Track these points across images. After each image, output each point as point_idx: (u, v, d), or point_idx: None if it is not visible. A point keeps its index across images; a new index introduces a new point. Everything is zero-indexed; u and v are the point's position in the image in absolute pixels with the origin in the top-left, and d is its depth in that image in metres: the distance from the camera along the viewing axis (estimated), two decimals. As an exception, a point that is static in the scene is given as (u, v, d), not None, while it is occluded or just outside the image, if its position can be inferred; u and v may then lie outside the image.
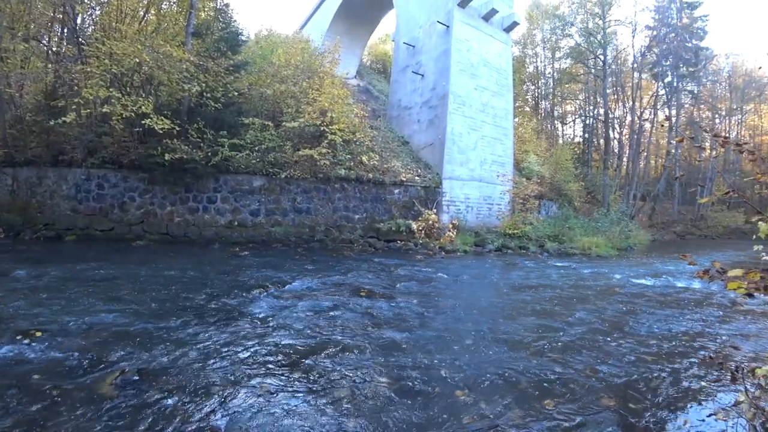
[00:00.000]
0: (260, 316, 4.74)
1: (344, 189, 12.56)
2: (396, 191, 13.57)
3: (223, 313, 4.73)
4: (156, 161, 10.15)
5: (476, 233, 14.19)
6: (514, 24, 17.73)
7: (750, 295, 1.91)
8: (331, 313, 5.02)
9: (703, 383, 3.51)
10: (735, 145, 2.35)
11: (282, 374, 3.23)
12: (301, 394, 2.92)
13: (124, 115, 9.81)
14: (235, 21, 13.42)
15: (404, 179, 13.70)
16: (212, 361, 3.40)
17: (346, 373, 3.33)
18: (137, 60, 10.24)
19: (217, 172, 11.12)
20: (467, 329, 4.74)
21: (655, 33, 28.58)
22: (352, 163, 12.73)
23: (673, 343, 4.59)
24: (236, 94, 12.13)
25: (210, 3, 13.62)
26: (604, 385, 3.35)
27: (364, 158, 12.97)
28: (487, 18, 16.60)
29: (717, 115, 37.93)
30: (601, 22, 26.92)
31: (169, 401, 2.71)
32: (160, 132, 9.93)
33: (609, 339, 4.61)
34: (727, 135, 35.19)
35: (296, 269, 7.84)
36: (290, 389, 2.99)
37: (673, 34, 28.00)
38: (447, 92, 15.07)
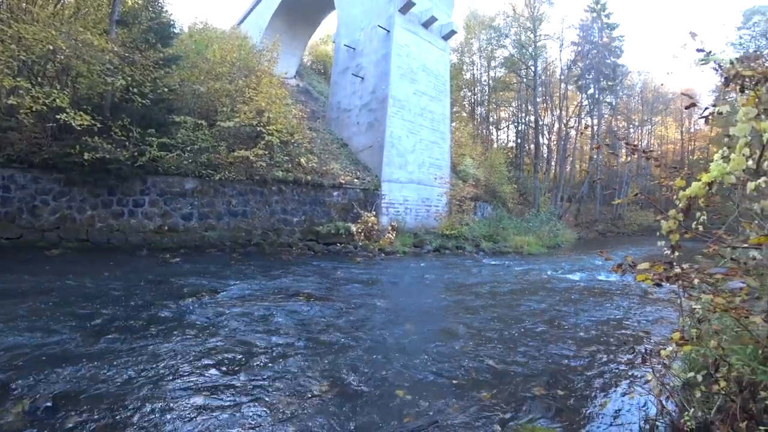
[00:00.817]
0: (192, 325, 4.53)
1: (282, 191, 12.32)
2: (335, 194, 13.53)
3: (151, 326, 4.47)
4: (74, 161, 9.28)
5: (415, 234, 14.52)
6: (452, 32, 18.35)
7: (658, 285, 2.09)
8: (269, 319, 4.93)
9: (619, 366, 3.91)
10: (642, 152, 2.59)
11: (217, 386, 3.12)
12: (238, 405, 2.85)
13: (34, 109, 8.89)
14: (166, 11, 12.63)
15: (343, 181, 13.70)
16: (139, 378, 3.19)
17: (286, 379, 3.30)
18: (51, 47, 9.32)
19: (145, 173, 10.42)
20: (406, 329, 4.86)
21: (579, 49, 31.11)
22: (290, 165, 12.52)
23: (595, 332, 5.08)
24: (166, 90, 11.43)
25: (138, -11, 12.72)
26: (536, 374, 3.61)
27: (303, 160, 12.81)
28: (426, 25, 17.05)
29: (631, 125, 41.90)
30: (532, 36, 28.64)
31: (89, 427, 2.52)
32: (79, 128, 9.11)
33: (540, 331, 4.99)
34: (639, 143, 38.92)
35: (232, 275, 7.58)
36: (226, 400, 2.90)
37: (595, 51, 30.55)
38: (387, 96, 15.28)
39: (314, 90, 22.26)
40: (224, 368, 3.44)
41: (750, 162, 1.78)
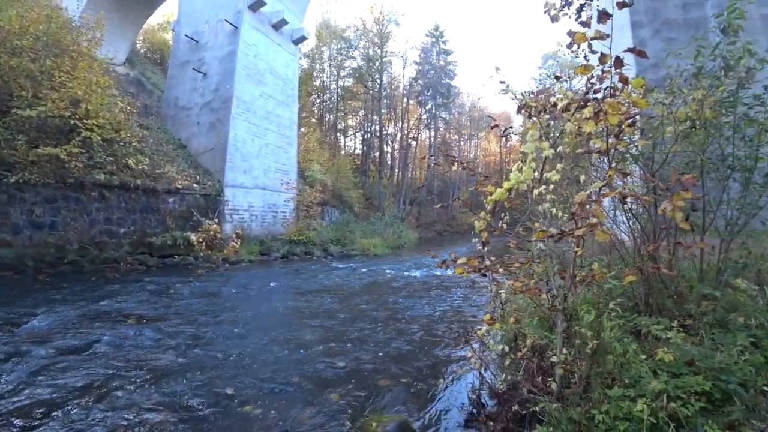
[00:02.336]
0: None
1: (105, 198, 10.72)
2: (171, 200, 12.37)
3: None
4: None
5: (261, 242, 14.29)
6: (303, 38, 18.52)
7: (483, 275, 2.40)
8: (89, 351, 4.29)
9: (450, 348, 4.58)
10: (459, 163, 3.10)
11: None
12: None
13: None
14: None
15: (180, 186, 12.61)
16: None
17: (113, 416, 2.95)
18: None
19: None
20: (251, 342, 4.80)
21: (420, 68, 34.82)
22: (115, 167, 10.99)
23: (432, 321, 5.84)
24: (-70, 60, 8.97)
25: None
26: (382, 368, 3.98)
27: (131, 161, 11.41)
28: (276, 27, 16.86)
29: (462, 139, 48.06)
30: (379, 51, 30.77)
31: None
32: None
33: (383, 327, 5.50)
34: (467, 155, 44.89)
35: (36, 303, 6.30)
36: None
37: (433, 72, 34.60)
38: (231, 96, 14.65)
39: (148, 82, 19.74)
40: (23, 421, 2.89)
41: (536, 173, 2.32)
